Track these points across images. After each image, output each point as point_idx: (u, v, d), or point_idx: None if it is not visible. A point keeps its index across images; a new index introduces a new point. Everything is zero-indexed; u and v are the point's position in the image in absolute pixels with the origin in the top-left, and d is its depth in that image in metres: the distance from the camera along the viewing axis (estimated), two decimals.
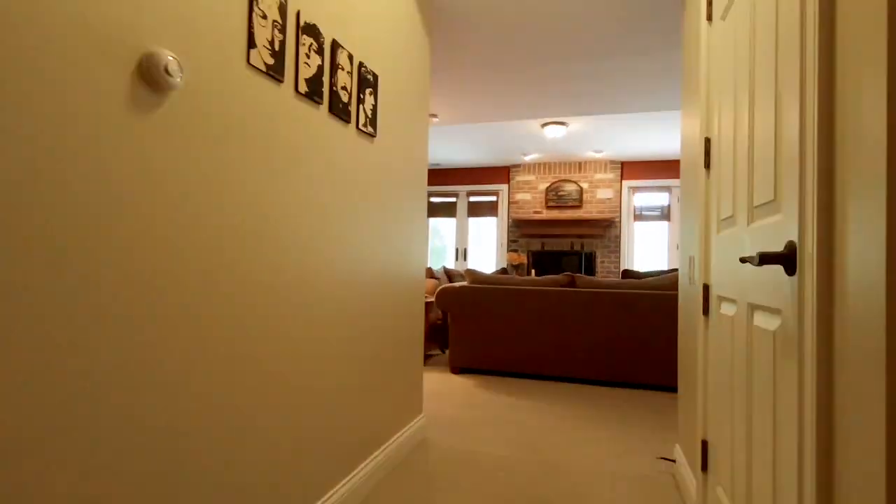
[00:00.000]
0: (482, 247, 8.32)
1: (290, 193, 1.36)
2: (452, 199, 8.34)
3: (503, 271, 3.78)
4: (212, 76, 1.08)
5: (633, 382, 3.33)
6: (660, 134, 5.92)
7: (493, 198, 8.08)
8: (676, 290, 3.32)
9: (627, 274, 4.60)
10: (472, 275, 3.86)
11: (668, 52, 3.15)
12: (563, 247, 7.53)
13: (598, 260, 7.40)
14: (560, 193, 7.56)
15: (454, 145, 6.72)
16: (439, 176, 8.36)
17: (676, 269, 6.44)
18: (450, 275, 6.19)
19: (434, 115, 4.63)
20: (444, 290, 3.78)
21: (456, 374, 3.68)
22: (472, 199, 8.21)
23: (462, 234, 8.30)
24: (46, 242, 0.76)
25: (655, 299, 3.30)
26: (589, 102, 4.35)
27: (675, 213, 7.25)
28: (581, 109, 4.52)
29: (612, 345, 3.37)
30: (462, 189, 8.24)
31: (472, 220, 8.29)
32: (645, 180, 7.33)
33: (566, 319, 3.48)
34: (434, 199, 8.44)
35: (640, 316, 3.32)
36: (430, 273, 5.15)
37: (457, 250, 8.31)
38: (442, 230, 8.61)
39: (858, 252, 0.68)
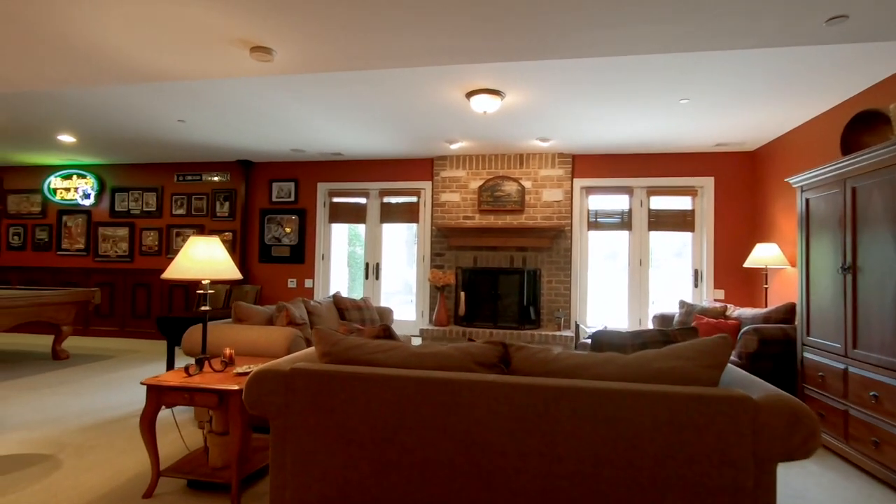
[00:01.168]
0: (397, 267, 6.51)
1: None
2: (361, 201, 6.48)
3: (384, 330, 1.95)
4: None
5: None
6: (621, 115, 4.36)
7: (414, 198, 6.31)
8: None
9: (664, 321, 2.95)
10: (325, 339, 2.05)
11: None
12: (500, 262, 5.88)
13: (545, 279, 5.80)
14: (497, 194, 5.91)
15: (359, 127, 4.87)
16: (343, 169, 6.48)
17: (710, 314, 4.91)
18: (341, 308, 4.33)
19: (264, 50, 2.77)
20: (260, 376, 1.94)
21: None
22: (387, 199, 6.39)
23: (374, 245, 6.46)
24: None
25: (687, 406, 1.63)
26: (518, 34, 2.67)
27: (637, 221, 5.78)
28: (507, 47, 2.84)
29: None
30: (373, 187, 6.41)
31: (387, 227, 6.47)
32: (601, 178, 5.82)
33: (491, 450, 1.74)
34: (337, 200, 6.54)
35: (644, 448, 1.64)
36: (287, 314, 3.26)
37: (367, 266, 6.46)
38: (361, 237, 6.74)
39: None
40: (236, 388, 2.20)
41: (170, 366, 3.91)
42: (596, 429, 1.67)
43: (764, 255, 4.62)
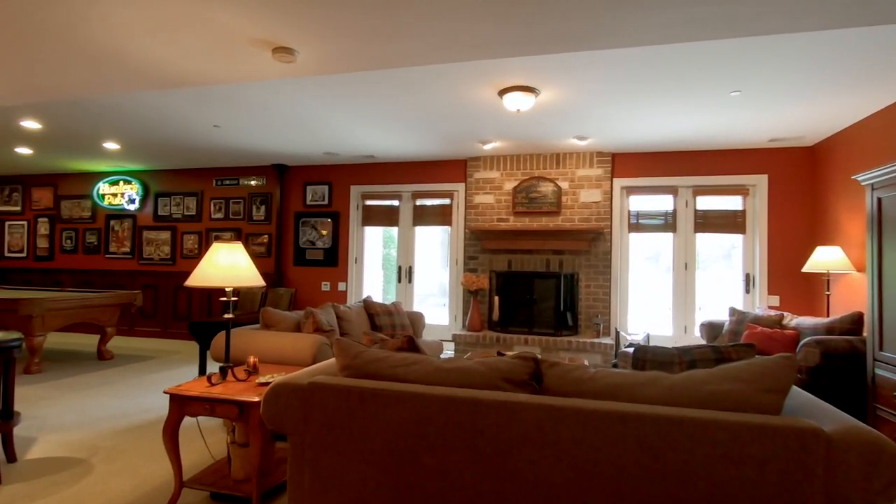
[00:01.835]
0: (430, 269, 6.41)
1: None
2: (394, 203, 6.42)
3: (408, 342, 1.84)
4: None
5: None
6: (665, 110, 4.09)
7: (447, 200, 6.19)
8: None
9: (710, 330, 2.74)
10: (346, 351, 1.95)
11: None
12: (536, 266, 5.68)
13: (583, 284, 5.56)
14: (532, 195, 5.71)
15: (391, 129, 4.80)
16: (375, 172, 6.43)
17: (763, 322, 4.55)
18: (371, 313, 4.25)
19: (286, 51, 2.69)
20: (277, 389, 1.86)
21: None
22: (420, 202, 6.30)
23: (406, 248, 6.39)
24: None
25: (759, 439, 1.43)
26: (560, 26, 2.51)
27: (682, 222, 5.46)
28: (549, 35, 2.67)
29: None
30: (406, 189, 6.33)
31: (420, 230, 6.38)
32: (643, 178, 5.53)
33: (519, 477, 1.59)
34: (370, 203, 6.51)
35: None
36: (314, 320, 3.19)
37: (399, 269, 6.39)
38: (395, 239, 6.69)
39: None
40: (257, 399, 2.13)
41: (202, 371, 3.94)
42: (638, 460, 1.49)
43: (825, 258, 4.24)
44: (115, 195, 7.37)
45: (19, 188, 7.97)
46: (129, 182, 7.32)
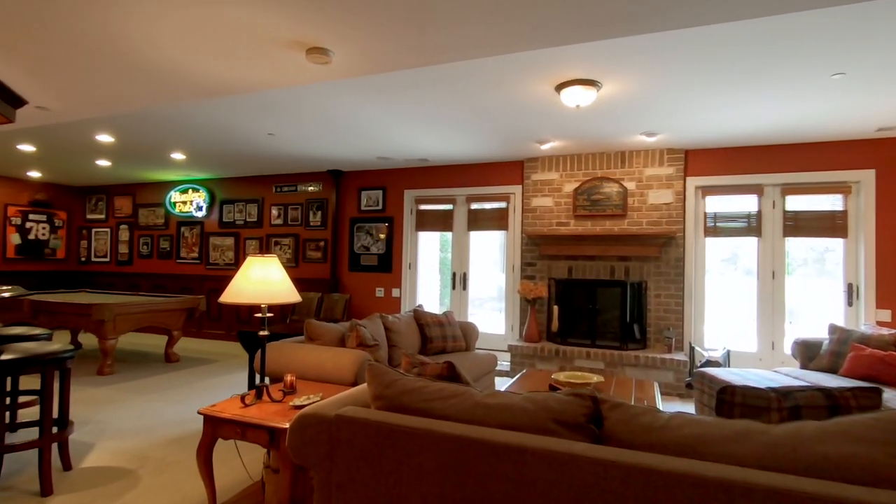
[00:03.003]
0: (487, 273, 6.15)
1: None
2: (448, 207, 6.23)
3: (448, 369, 1.61)
4: None
5: None
6: (749, 99, 3.60)
7: (503, 204, 5.91)
8: None
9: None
10: (379, 378, 1.76)
11: None
12: (599, 273, 5.27)
13: (651, 293, 5.09)
14: (595, 197, 5.32)
15: (443, 131, 4.61)
16: (429, 176, 6.27)
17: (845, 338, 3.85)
18: (421, 324, 4.08)
19: (321, 51, 2.54)
20: (303, 421, 1.69)
21: None
22: (475, 206, 6.07)
23: (461, 253, 6.17)
24: None
25: None
26: (626, 3, 2.19)
27: (768, 225, 4.85)
28: (612, 21, 2.36)
29: None
30: (460, 193, 6.12)
31: (475, 235, 6.15)
32: (722, 176, 4.97)
33: None
34: (424, 207, 6.35)
35: None
36: (357, 334, 3.03)
37: (454, 276, 6.19)
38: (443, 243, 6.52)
39: None
40: (287, 426, 1.99)
41: (251, 381, 3.93)
42: None
43: None
44: (184, 203, 7.72)
45: (104, 197, 8.57)
46: (197, 190, 7.64)
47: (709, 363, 4.48)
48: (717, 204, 5.06)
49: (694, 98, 3.58)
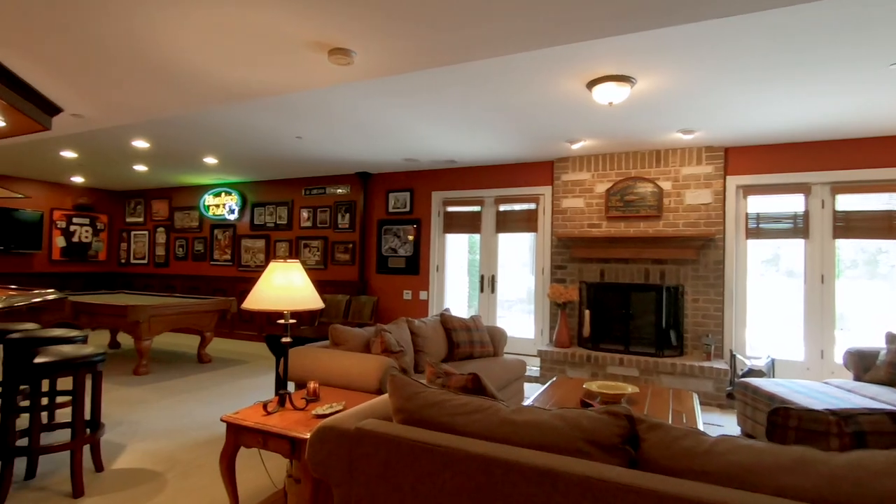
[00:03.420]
0: (516, 274, 6.03)
1: None
2: (476, 209, 6.14)
3: (472, 381, 1.52)
4: None
5: None
6: (795, 92, 3.38)
7: (532, 205, 5.78)
8: None
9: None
10: (401, 390, 1.69)
11: None
12: (633, 276, 5.08)
13: (689, 298, 4.86)
14: (628, 198, 5.13)
15: (470, 132, 4.53)
16: (457, 177, 6.19)
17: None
18: (448, 329, 4.01)
19: (343, 52, 2.48)
20: (322, 434, 1.63)
21: None
22: (503, 207, 5.96)
23: (489, 256, 6.07)
24: None
25: None
26: None
27: (816, 226, 4.57)
28: (646, 12, 2.23)
29: None
30: (489, 194, 6.02)
31: (503, 237, 6.03)
32: (765, 174, 4.72)
33: None
34: (451, 209, 6.28)
35: None
36: (382, 340, 2.97)
37: (482, 278, 6.09)
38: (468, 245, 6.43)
39: None
40: (308, 436, 1.94)
41: (277, 385, 3.93)
42: None
43: None
44: (217, 206, 7.88)
45: (142, 201, 8.84)
46: (229, 193, 7.78)
47: (751, 372, 4.24)
48: (760, 204, 4.80)
49: (735, 93, 3.38)
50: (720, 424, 3.91)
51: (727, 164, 4.85)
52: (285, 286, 2.17)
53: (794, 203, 4.67)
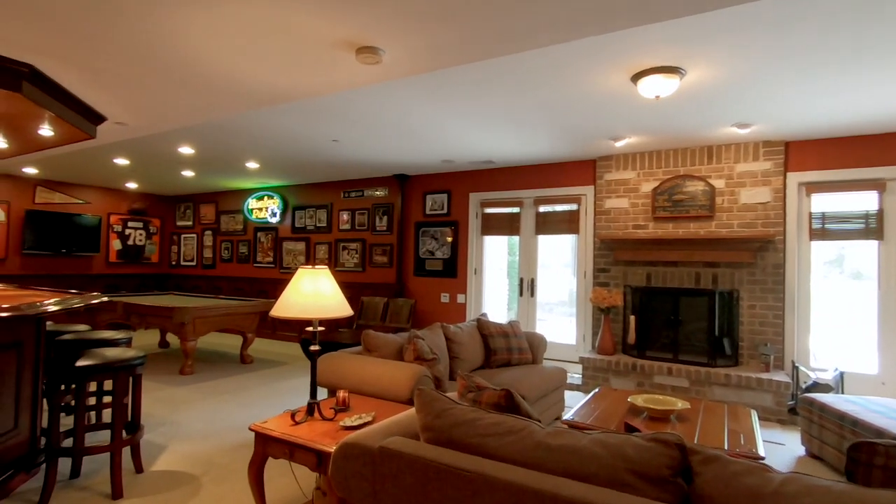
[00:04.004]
0: (557, 275, 5.82)
1: None
2: (514, 210, 5.98)
3: (506, 398, 1.41)
4: None
5: None
6: (864, 80, 3.06)
7: (573, 206, 5.57)
8: None
9: None
10: (429, 406, 1.59)
11: None
12: (682, 280, 4.79)
13: (745, 303, 4.53)
14: (676, 197, 4.84)
15: (508, 131, 4.40)
16: (495, 178, 6.05)
17: None
18: (485, 335, 3.89)
19: (371, 51, 2.40)
20: (345, 452, 1.55)
21: None
22: (543, 208, 5.77)
23: (528, 258, 5.90)
24: None
25: None
26: None
27: (891, 226, 4.15)
28: None
29: None
30: (528, 195, 5.85)
31: (543, 239, 5.85)
32: (831, 170, 4.33)
33: None
34: (489, 211, 6.15)
35: None
36: (415, 348, 2.88)
37: (521, 281, 5.92)
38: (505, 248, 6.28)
39: None
40: (333, 450, 1.87)
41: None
42: None
43: None
44: (260, 209, 8.06)
45: (190, 205, 9.17)
46: (271, 197, 7.94)
47: (817, 386, 3.89)
48: (825, 202, 4.41)
49: (797, 82, 3.09)
50: (781, 443, 3.60)
51: (788, 159, 4.49)
52: (313, 293, 2.11)
53: (865, 201, 4.26)
